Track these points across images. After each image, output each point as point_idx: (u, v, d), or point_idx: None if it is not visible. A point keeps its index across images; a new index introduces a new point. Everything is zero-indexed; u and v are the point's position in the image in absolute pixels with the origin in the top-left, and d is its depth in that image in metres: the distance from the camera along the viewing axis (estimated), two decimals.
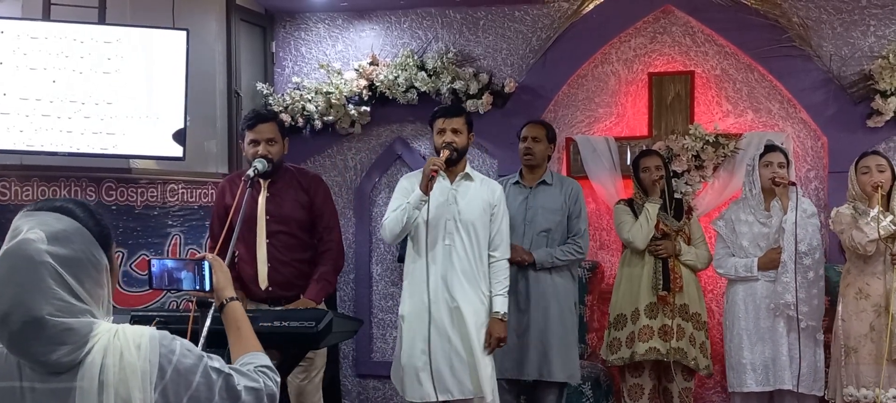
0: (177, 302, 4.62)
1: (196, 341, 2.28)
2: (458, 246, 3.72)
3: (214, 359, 1.67)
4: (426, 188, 3.60)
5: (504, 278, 3.81)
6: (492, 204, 3.82)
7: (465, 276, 3.71)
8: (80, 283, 1.55)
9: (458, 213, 3.74)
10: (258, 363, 1.81)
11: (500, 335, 3.75)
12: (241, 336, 1.93)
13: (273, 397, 1.76)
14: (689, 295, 4.40)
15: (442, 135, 3.77)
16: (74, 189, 4.42)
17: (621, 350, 4.41)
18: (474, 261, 3.74)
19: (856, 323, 4.03)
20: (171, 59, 4.43)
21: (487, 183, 3.91)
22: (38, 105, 4.18)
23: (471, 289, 3.73)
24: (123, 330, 1.57)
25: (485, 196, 3.81)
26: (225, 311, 1.99)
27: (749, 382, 4.26)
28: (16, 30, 4.18)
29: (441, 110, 3.88)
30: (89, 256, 1.58)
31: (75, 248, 1.56)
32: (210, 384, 1.62)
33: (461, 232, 3.73)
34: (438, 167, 3.60)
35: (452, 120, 3.78)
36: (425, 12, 5.58)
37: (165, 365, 1.57)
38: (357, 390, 5.66)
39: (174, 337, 1.62)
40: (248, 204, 3.41)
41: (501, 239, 3.84)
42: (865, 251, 3.97)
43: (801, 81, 5.06)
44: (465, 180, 3.83)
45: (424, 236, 3.73)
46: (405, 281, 3.87)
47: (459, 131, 3.77)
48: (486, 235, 3.79)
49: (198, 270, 2.11)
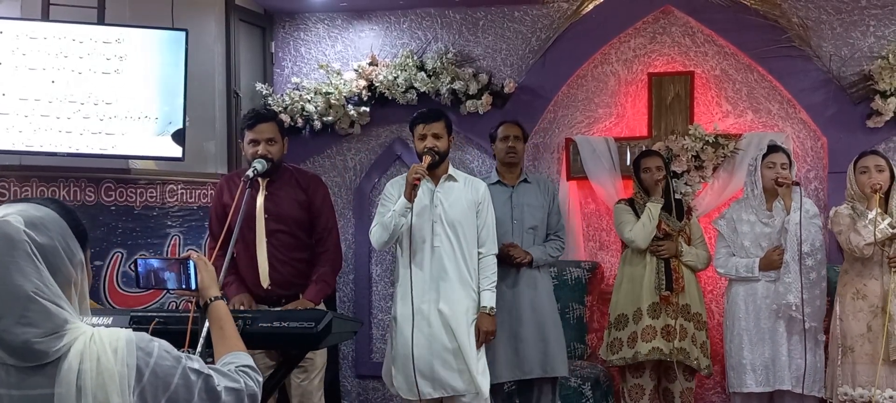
0: (176, 303, 4.62)
1: (195, 341, 2.28)
2: (447, 248, 3.80)
3: (194, 360, 1.65)
4: (410, 196, 3.68)
5: (491, 273, 3.88)
6: (477, 202, 3.89)
7: (455, 277, 3.79)
8: (52, 273, 1.54)
9: (443, 215, 3.81)
10: (239, 362, 1.80)
11: (488, 329, 3.82)
12: (225, 335, 1.93)
13: (254, 397, 1.75)
14: (690, 296, 4.41)
15: (423, 140, 3.83)
16: (73, 189, 4.41)
17: (623, 350, 4.41)
18: (463, 261, 3.81)
19: (853, 323, 4.03)
20: (171, 59, 4.43)
21: (471, 182, 3.97)
22: (37, 105, 4.17)
23: (462, 289, 3.80)
24: (99, 333, 1.55)
25: (469, 195, 3.88)
26: (209, 310, 2.00)
27: (749, 382, 4.26)
28: (15, 30, 4.17)
29: (420, 116, 3.91)
30: (65, 246, 1.57)
31: (51, 236, 1.55)
32: (189, 385, 1.61)
33: (448, 233, 3.80)
34: (421, 174, 3.68)
35: (432, 125, 3.83)
36: (425, 13, 5.58)
37: (143, 368, 1.55)
38: (357, 390, 5.65)
39: (152, 339, 1.60)
40: (248, 203, 3.41)
41: (488, 235, 3.90)
42: (862, 253, 3.97)
43: (801, 82, 5.06)
44: (449, 181, 3.90)
45: (412, 240, 3.80)
46: (397, 283, 3.93)
47: (440, 135, 3.83)
48: (472, 234, 3.86)
49: (183, 269, 2.11)
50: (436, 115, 3.91)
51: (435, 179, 3.88)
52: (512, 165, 4.29)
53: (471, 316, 3.81)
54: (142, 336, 1.59)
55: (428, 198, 3.82)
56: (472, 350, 3.78)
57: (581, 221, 5.36)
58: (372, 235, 3.89)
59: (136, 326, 2.70)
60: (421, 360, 3.74)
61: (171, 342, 1.66)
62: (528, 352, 4.07)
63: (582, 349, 5.10)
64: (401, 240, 3.85)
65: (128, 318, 2.82)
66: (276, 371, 3.26)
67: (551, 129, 5.43)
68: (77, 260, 1.60)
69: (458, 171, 4.00)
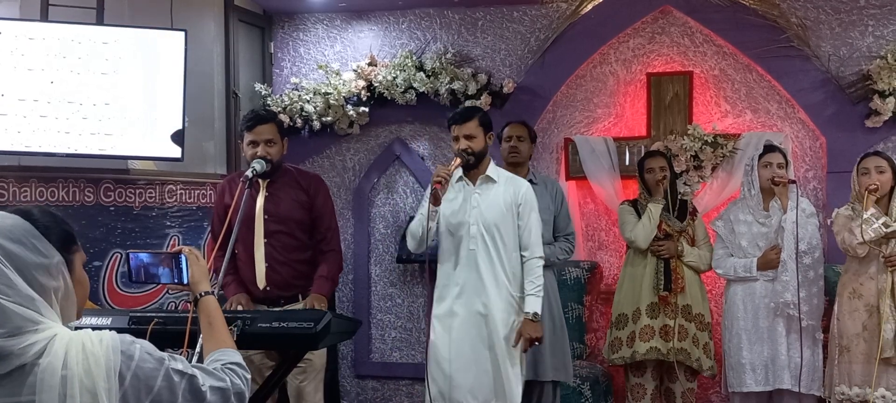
0: (176, 303, 4.62)
1: (194, 341, 2.28)
2: (482, 251, 3.63)
3: (178, 360, 1.64)
4: (435, 200, 3.56)
5: (536, 277, 3.66)
6: (516, 202, 3.70)
7: (490, 280, 3.62)
8: (23, 278, 1.52)
9: (480, 217, 3.65)
10: (227, 360, 1.79)
11: (532, 335, 3.59)
12: (214, 330, 1.92)
13: (241, 395, 1.73)
14: (691, 296, 4.40)
15: (457, 142, 3.70)
16: (72, 190, 4.41)
17: (622, 350, 4.42)
18: (500, 263, 3.64)
19: (849, 322, 4.05)
20: (170, 59, 4.43)
21: (512, 181, 3.78)
22: (35, 106, 4.17)
23: (498, 294, 3.63)
24: (80, 337, 1.53)
25: (508, 196, 3.70)
26: (199, 305, 1.99)
27: (748, 382, 4.26)
28: (14, 30, 4.17)
29: (453, 116, 3.78)
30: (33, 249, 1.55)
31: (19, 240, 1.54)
32: (172, 387, 1.60)
33: (484, 236, 3.64)
34: (442, 179, 3.53)
35: (464, 125, 3.68)
36: (423, 13, 5.58)
37: (125, 371, 1.54)
38: (356, 391, 5.65)
39: (134, 341, 1.59)
40: (247, 204, 3.41)
41: (530, 238, 3.70)
42: (856, 253, 3.99)
43: (800, 81, 5.06)
44: (487, 182, 3.73)
45: (449, 241, 3.70)
46: (436, 287, 3.78)
47: (473, 135, 3.67)
48: (510, 236, 3.67)
49: (174, 264, 2.10)
50: (467, 115, 3.73)
51: (473, 179, 3.73)
52: (516, 165, 4.25)
53: (509, 320, 3.63)
54: (124, 337, 1.58)
55: (465, 199, 3.70)
56: (506, 355, 3.61)
57: (580, 221, 5.36)
58: (407, 236, 3.80)
59: (135, 326, 2.70)
60: (451, 364, 3.63)
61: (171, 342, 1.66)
62: (544, 355, 4.08)
63: (581, 349, 5.11)
64: (441, 242, 3.72)
65: (127, 318, 2.82)
66: (275, 372, 3.26)
67: (550, 129, 5.43)
68: (53, 265, 1.58)
69: (499, 170, 3.81)
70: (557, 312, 4.21)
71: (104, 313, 3.22)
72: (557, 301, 4.23)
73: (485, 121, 3.73)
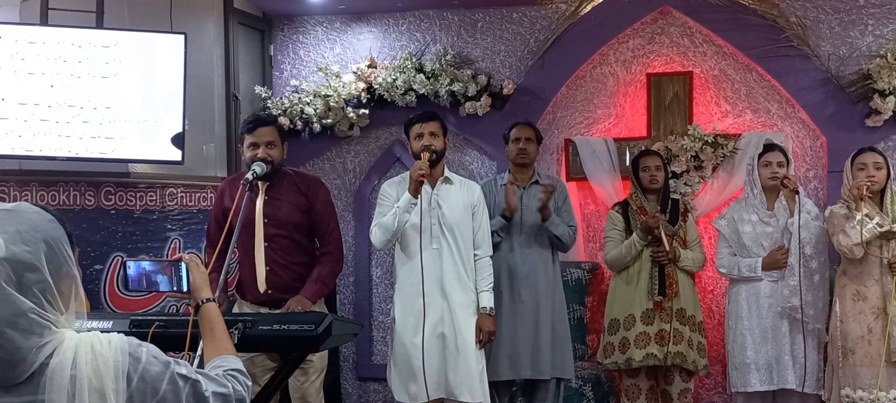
0: (177, 307, 4.62)
1: (196, 345, 2.28)
2: (445, 249, 3.85)
3: (182, 365, 1.65)
4: (415, 192, 3.70)
5: (488, 274, 3.94)
6: (473, 204, 3.94)
7: (454, 278, 3.84)
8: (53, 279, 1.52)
9: (441, 217, 3.86)
10: (228, 366, 1.81)
11: (489, 329, 3.87)
12: (215, 337, 1.93)
13: (242, 401, 1.76)
14: (685, 299, 4.37)
15: (419, 139, 3.86)
16: (73, 193, 4.41)
17: (614, 355, 4.40)
18: (461, 262, 3.86)
19: (853, 325, 4.02)
20: (169, 62, 4.43)
21: (466, 184, 4.02)
22: (36, 110, 4.17)
23: (461, 290, 3.85)
24: (89, 338, 1.54)
25: (465, 198, 3.93)
26: (200, 312, 2.00)
27: (753, 382, 4.25)
28: (14, 34, 4.17)
29: (416, 116, 3.96)
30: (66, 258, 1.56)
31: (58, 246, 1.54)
32: (177, 391, 1.61)
33: (446, 235, 3.85)
34: (425, 171, 3.71)
35: (429, 124, 3.87)
36: (423, 15, 5.58)
37: (132, 373, 1.55)
38: (357, 393, 5.65)
39: (141, 344, 1.60)
40: (247, 207, 3.40)
41: (483, 237, 3.97)
42: (852, 254, 3.97)
43: (800, 81, 5.06)
44: (446, 184, 3.95)
45: (411, 241, 3.82)
46: (396, 285, 3.96)
47: (436, 135, 3.87)
48: (469, 236, 3.91)
49: (174, 271, 2.10)
50: (431, 116, 3.95)
51: (432, 181, 3.90)
52: (523, 166, 4.32)
53: (471, 316, 3.85)
54: (131, 340, 1.59)
55: (426, 201, 3.84)
56: (472, 351, 3.82)
57: (581, 222, 5.36)
58: (372, 236, 3.91)
59: (136, 330, 2.70)
60: (420, 362, 3.75)
61: (172, 346, 1.66)
62: (541, 352, 4.11)
63: (583, 349, 5.10)
64: (402, 242, 3.88)
65: (128, 322, 2.82)
66: (277, 374, 3.25)
67: (550, 130, 5.43)
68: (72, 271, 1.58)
69: (453, 174, 4.03)
70: (559, 308, 4.22)
71: (105, 316, 3.21)
72: (562, 297, 4.26)
73: (444, 126, 3.97)
